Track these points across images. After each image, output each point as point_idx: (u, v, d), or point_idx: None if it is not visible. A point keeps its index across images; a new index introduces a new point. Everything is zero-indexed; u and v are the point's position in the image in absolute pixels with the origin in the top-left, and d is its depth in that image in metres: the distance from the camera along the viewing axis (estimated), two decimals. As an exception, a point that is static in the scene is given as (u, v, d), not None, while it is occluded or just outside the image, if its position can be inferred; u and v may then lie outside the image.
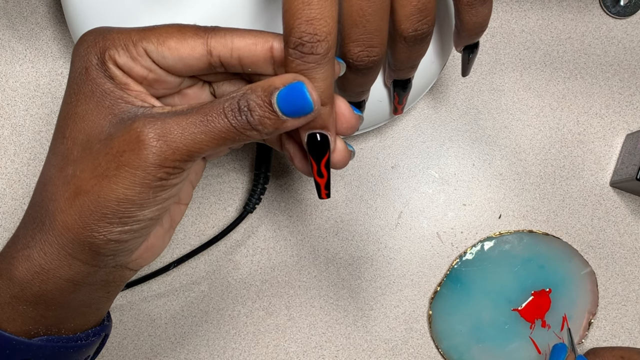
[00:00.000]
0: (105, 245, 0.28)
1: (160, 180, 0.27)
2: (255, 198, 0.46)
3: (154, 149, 0.27)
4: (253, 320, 0.48)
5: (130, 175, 0.27)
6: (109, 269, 0.30)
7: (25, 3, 0.48)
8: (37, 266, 0.29)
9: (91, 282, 0.30)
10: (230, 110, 0.27)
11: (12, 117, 0.47)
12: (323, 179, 0.30)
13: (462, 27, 0.35)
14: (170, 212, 0.33)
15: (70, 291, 0.30)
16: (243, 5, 0.37)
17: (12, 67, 0.47)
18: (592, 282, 0.48)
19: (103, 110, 0.28)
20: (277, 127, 0.27)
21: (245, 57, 0.29)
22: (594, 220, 0.49)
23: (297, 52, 0.27)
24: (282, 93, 0.27)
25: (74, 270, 0.29)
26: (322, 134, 0.29)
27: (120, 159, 0.27)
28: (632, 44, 0.50)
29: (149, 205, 0.28)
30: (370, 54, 0.31)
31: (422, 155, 0.49)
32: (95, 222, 0.28)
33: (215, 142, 0.27)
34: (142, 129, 0.27)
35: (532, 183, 0.49)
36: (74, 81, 0.29)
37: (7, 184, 0.47)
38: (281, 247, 0.48)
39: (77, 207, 0.28)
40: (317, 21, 0.26)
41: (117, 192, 0.27)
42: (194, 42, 0.28)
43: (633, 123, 0.49)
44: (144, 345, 0.47)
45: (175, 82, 0.30)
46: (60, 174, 0.29)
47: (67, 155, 0.29)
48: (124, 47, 0.28)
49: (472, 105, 0.49)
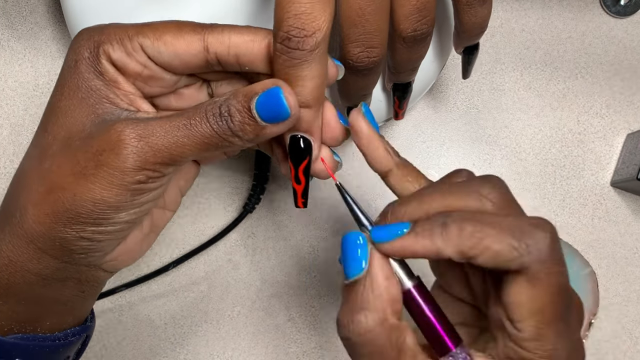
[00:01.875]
0: (76, 242, 0.28)
1: (139, 183, 0.27)
2: (255, 198, 0.46)
3: (134, 149, 0.26)
4: (253, 321, 0.47)
5: (109, 175, 0.26)
6: (81, 267, 0.30)
7: (25, 2, 0.48)
8: (4, 258, 0.28)
9: (61, 277, 0.30)
10: (212, 114, 0.26)
11: (11, 117, 0.47)
12: (300, 185, 0.29)
13: (462, 28, 0.34)
14: (153, 216, 0.33)
15: (39, 285, 0.29)
16: (242, 5, 0.37)
17: (11, 67, 0.47)
18: (593, 282, 0.48)
19: (86, 108, 0.28)
20: (257, 133, 0.27)
21: (242, 54, 0.28)
22: (595, 220, 0.49)
23: (283, 46, 0.26)
24: (261, 99, 0.26)
25: (43, 264, 0.28)
26: (304, 137, 0.28)
27: (100, 158, 0.26)
28: (632, 44, 0.50)
29: (125, 208, 0.28)
30: (370, 55, 0.30)
31: (422, 155, 0.49)
32: (69, 220, 0.27)
33: (198, 147, 0.27)
34: (124, 129, 0.26)
35: (532, 183, 0.49)
36: (63, 74, 0.29)
37: (6, 184, 0.47)
38: (281, 247, 0.48)
39: (50, 202, 0.27)
40: (306, 16, 0.26)
41: (94, 192, 0.27)
42: (190, 38, 0.28)
43: (634, 123, 0.49)
44: (143, 346, 0.47)
45: (171, 80, 0.30)
46: (38, 167, 0.28)
47: (47, 149, 0.28)
48: (119, 41, 0.28)
49: (472, 105, 0.49)
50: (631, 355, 0.48)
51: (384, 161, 0.29)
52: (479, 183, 0.25)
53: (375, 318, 0.25)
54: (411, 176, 0.29)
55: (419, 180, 0.29)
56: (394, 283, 0.26)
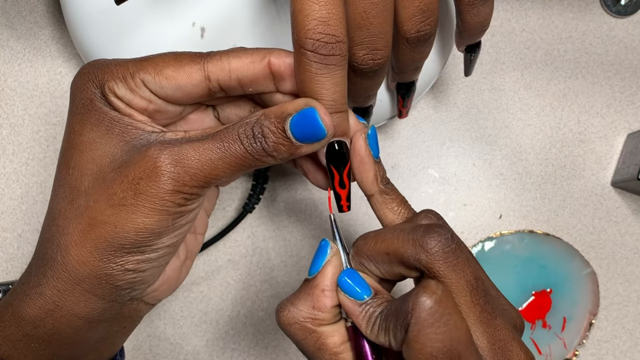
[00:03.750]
0: (122, 276, 0.28)
1: (179, 206, 0.27)
2: (255, 198, 0.46)
3: (171, 174, 0.26)
4: (252, 321, 0.47)
5: (148, 203, 0.26)
6: (125, 303, 0.29)
7: (24, 2, 0.48)
8: (50, 303, 0.28)
9: (107, 318, 0.29)
10: (245, 136, 0.26)
11: (11, 117, 0.47)
12: (345, 189, 0.29)
13: (464, 27, 0.34)
14: (187, 242, 0.33)
15: (85, 329, 0.29)
16: (244, 7, 0.36)
17: (11, 67, 0.47)
18: (593, 283, 0.48)
19: (113, 138, 0.28)
20: (292, 152, 0.27)
21: (244, 76, 0.28)
22: (595, 220, 0.49)
23: (315, 54, 0.26)
24: (295, 119, 0.26)
25: (90, 307, 0.28)
26: (340, 142, 0.28)
27: (137, 187, 0.26)
28: (633, 43, 0.50)
29: (167, 233, 0.28)
30: (375, 57, 0.30)
31: (422, 155, 0.49)
32: (113, 254, 0.27)
33: (232, 168, 0.27)
34: (159, 156, 0.26)
35: (532, 183, 0.49)
36: (78, 111, 0.28)
37: (5, 183, 0.46)
38: (280, 247, 0.48)
39: (92, 239, 0.27)
40: (334, 21, 0.26)
41: (136, 221, 0.26)
42: (190, 69, 0.28)
43: (634, 122, 0.49)
44: (143, 346, 0.47)
45: (176, 111, 0.30)
46: (71, 206, 0.28)
47: (77, 186, 0.28)
48: (122, 79, 0.28)
49: (472, 104, 0.49)
50: (631, 355, 0.48)
51: (368, 185, 0.30)
52: (423, 234, 0.26)
53: (298, 315, 0.28)
54: (393, 204, 0.30)
55: (400, 210, 0.30)
56: (328, 296, 0.28)
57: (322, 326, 0.28)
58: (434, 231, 0.26)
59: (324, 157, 0.29)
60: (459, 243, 0.26)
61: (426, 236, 0.26)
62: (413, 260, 0.26)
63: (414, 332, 0.23)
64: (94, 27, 0.38)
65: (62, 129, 0.47)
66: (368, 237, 0.28)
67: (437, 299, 0.23)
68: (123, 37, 0.38)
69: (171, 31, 0.37)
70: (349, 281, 0.27)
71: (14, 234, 0.46)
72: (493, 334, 0.25)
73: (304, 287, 0.29)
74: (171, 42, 0.37)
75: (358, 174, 0.30)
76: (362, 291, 0.27)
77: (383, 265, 0.27)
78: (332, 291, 0.28)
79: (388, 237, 0.27)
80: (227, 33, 0.37)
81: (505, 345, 0.25)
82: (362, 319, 0.27)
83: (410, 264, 0.26)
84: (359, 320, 0.27)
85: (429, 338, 0.23)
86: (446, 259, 0.25)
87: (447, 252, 0.25)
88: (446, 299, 0.24)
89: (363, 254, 0.28)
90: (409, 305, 0.24)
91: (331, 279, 0.28)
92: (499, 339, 0.25)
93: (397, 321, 0.25)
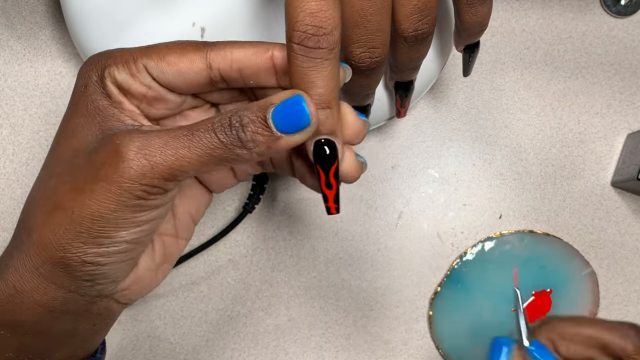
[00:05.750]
0: (80, 267, 0.27)
1: (139, 199, 0.26)
2: (255, 198, 0.46)
3: (132, 162, 0.25)
4: (252, 321, 0.47)
5: (106, 190, 0.25)
6: (92, 299, 0.29)
7: (24, 2, 0.48)
8: (11, 288, 0.27)
9: (71, 310, 0.28)
10: (219, 125, 0.25)
11: (11, 117, 0.47)
12: (332, 190, 0.28)
13: (462, 27, 0.34)
14: (165, 244, 0.32)
15: (47, 319, 0.28)
16: (243, 7, 0.36)
17: (11, 67, 0.47)
18: (593, 283, 0.48)
19: (93, 126, 0.27)
20: (270, 144, 0.26)
21: (246, 67, 0.28)
22: (595, 221, 0.49)
23: (301, 47, 0.25)
24: (278, 107, 0.25)
25: (49, 296, 0.27)
26: (328, 140, 0.27)
27: (98, 173, 0.26)
28: (633, 43, 0.50)
29: (125, 226, 0.27)
30: (373, 55, 0.30)
31: (422, 155, 0.49)
32: (69, 241, 0.26)
33: (199, 160, 0.26)
34: (121, 141, 0.26)
35: (532, 183, 0.49)
36: (73, 98, 0.28)
37: (5, 183, 0.46)
38: (280, 247, 0.48)
39: (52, 223, 0.26)
40: (323, 13, 0.25)
41: (92, 208, 0.26)
42: (193, 56, 0.27)
43: (634, 122, 0.49)
44: (142, 346, 0.47)
45: (176, 101, 0.29)
46: (43, 187, 0.27)
47: (52, 169, 0.28)
48: (124, 63, 0.27)
49: (472, 104, 0.49)
50: (631, 356, 0.48)
51: None
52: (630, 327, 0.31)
53: None
54: None
55: None
56: None
57: None
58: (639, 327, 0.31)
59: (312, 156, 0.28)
60: None
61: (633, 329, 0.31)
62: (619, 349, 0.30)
63: None
64: (94, 27, 0.38)
65: (62, 129, 0.47)
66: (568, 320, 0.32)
67: None
68: (123, 37, 0.38)
69: (171, 31, 0.37)
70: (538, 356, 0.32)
71: (14, 234, 0.46)
72: None
73: None
74: (171, 42, 0.37)
75: None
76: None
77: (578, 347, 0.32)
78: None
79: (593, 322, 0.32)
80: (227, 33, 0.37)
81: None
82: None
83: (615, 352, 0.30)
84: None
85: None
86: None
87: None
88: None
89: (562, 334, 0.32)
90: None
91: None
92: None
93: None
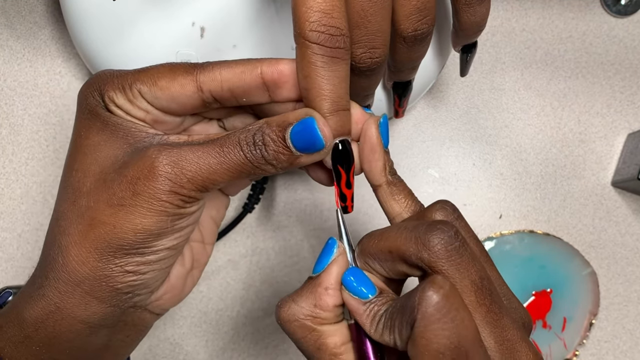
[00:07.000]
0: (122, 278, 0.27)
1: (177, 208, 0.27)
2: (255, 198, 0.46)
3: (168, 175, 0.26)
4: (252, 321, 0.47)
5: (146, 203, 0.26)
6: (127, 310, 0.29)
7: (24, 2, 0.48)
8: (51, 305, 0.28)
9: (108, 324, 0.29)
10: (245, 143, 0.26)
11: (10, 117, 0.47)
12: (351, 190, 0.29)
13: (460, 27, 0.34)
14: (193, 251, 0.33)
15: (85, 334, 0.28)
16: (243, 7, 0.36)
17: (10, 66, 0.47)
18: (593, 283, 0.48)
19: (117, 140, 0.28)
20: (292, 162, 0.27)
21: (236, 87, 0.28)
22: (595, 221, 0.49)
23: (321, 47, 0.25)
24: (295, 129, 0.26)
25: (91, 310, 0.28)
26: (344, 140, 0.28)
27: (135, 187, 0.26)
28: (633, 43, 0.50)
29: (166, 234, 0.27)
30: (373, 56, 0.30)
31: (422, 155, 0.49)
32: (112, 254, 0.27)
33: (230, 174, 0.27)
34: (157, 156, 0.26)
35: (532, 183, 0.49)
36: (84, 117, 0.29)
37: (5, 183, 0.46)
38: (280, 247, 0.48)
39: (91, 239, 0.27)
40: (337, 14, 0.25)
41: (134, 222, 0.26)
42: (183, 80, 0.28)
43: (634, 122, 0.49)
44: (142, 346, 0.47)
45: (175, 122, 0.30)
46: (73, 206, 0.28)
47: (79, 187, 0.28)
48: (120, 89, 0.28)
49: (472, 104, 0.49)
50: (631, 355, 0.48)
51: (376, 175, 0.29)
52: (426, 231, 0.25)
53: (299, 312, 0.27)
54: (400, 196, 0.29)
55: (407, 202, 0.29)
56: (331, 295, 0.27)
57: (323, 325, 0.27)
58: (436, 228, 0.25)
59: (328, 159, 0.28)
60: (464, 240, 0.25)
61: (429, 233, 0.25)
62: (415, 259, 0.25)
63: (420, 328, 0.23)
64: (94, 27, 0.38)
65: (62, 129, 0.47)
66: (373, 235, 0.28)
67: (444, 293, 0.23)
68: (123, 37, 0.38)
69: (171, 31, 0.37)
70: (353, 280, 0.27)
71: (14, 234, 0.46)
72: (500, 334, 0.25)
73: (307, 284, 0.28)
74: (171, 42, 0.37)
75: (367, 163, 0.29)
76: (367, 290, 0.26)
77: (387, 263, 0.27)
78: (336, 290, 0.27)
79: (392, 234, 0.26)
80: (226, 33, 0.37)
81: (513, 346, 0.25)
82: (366, 318, 0.26)
83: (413, 262, 0.25)
84: (363, 320, 0.26)
85: (436, 334, 0.22)
86: (449, 257, 0.24)
87: (450, 250, 0.24)
88: (453, 294, 0.23)
89: (367, 252, 0.27)
90: (415, 300, 0.23)
91: (336, 278, 0.27)
92: (506, 339, 0.25)
93: (403, 318, 0.24)
